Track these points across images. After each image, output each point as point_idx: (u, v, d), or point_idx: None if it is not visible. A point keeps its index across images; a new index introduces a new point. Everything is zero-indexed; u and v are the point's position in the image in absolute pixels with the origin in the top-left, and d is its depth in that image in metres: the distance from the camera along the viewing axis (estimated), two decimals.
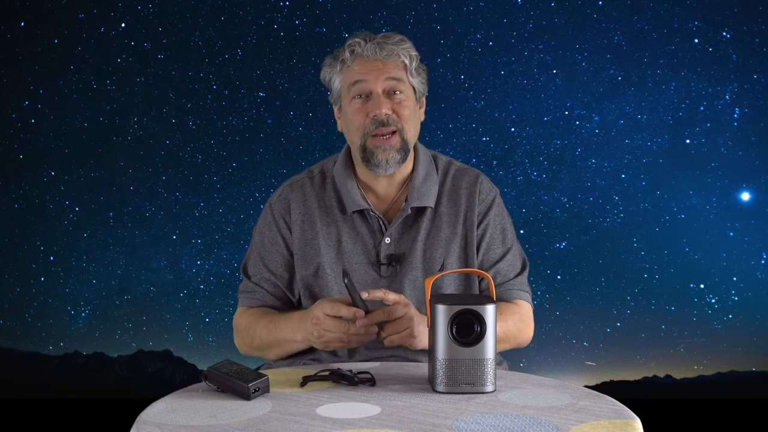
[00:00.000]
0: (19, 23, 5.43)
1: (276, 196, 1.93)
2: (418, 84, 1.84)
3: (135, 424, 1.27)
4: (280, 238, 1.89)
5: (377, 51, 1.76)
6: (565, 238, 5.58)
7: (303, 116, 5.65)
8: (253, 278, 1.91)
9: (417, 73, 1.83)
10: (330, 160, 1.96)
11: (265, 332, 1.81)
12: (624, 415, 1.30)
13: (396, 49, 1.78)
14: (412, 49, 1.82)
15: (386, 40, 1.78)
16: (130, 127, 5.63)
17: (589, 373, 5.55)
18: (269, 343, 1.81)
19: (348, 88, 1.80)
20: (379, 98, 1.77)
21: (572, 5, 5.39)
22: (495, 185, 1.94)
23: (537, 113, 5.55)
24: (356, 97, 1.79)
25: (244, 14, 5.57)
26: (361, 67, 1.78)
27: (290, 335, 1.75)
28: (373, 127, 1.77)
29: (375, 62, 1.77)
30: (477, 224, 1.87)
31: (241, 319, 1.90)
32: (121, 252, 5.75)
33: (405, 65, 1.79)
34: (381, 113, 1.77)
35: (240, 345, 1.92)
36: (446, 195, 1.89)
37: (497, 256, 1.88)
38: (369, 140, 1.79)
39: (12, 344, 5.68)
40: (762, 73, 5.22)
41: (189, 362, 5.90)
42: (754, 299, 5.36)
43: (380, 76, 1.77)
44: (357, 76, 1.78)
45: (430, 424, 1.25)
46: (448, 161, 1.95)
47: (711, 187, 5.37)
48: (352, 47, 1.78)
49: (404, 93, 1.79)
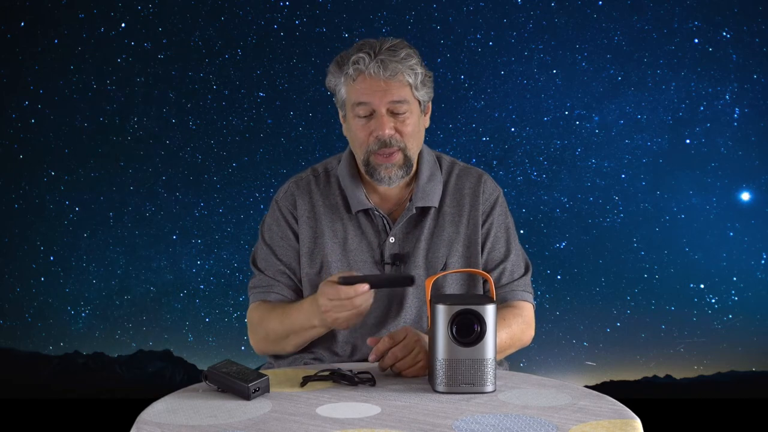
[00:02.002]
0: (19, 23, 5.43)
1: (282, 193, 1.93)
2: (423, 95, 1.81)
3: (135, 424, 1.27)
4: (290, 232, 1.89)
5: (381, 71, 1.73)
6: (565, 238, 5.59)
7: (303, 116, 5.66)
8: (266, 272, 1.89)
9: (423, 86, 1.80)
10: (334, 159, 1.96)
11: (278, 323, 1.79)
12: (624, 415, 1.31)
13: (400, 68, 1.74)
14: (418, 65, 1.77)
15: (391, 57, 1.73)
16: (130, 127, 5.64)
17: (589, 373, 5.55)
18: (285, 333, 1.79)
19: (352, 106, 1.79)
20: (382, 118, 1.75)
21: (572, 5, 5.39)
22: (498, 185, 1.94)
23: (537, 113, 5.55)
24: (359, 115, 1.78)
25: (244, 14, 5.58)
26: (364, 86, 1.75)
27: (307, 321, 1.73)
28: (376, 147, 1.77)
29: (378, 82, 1.74)
30: (481, 223, 1.87)
31: (255, 314, 1.86)
32: (121, 252, 5.76)
33: (409, 83, 1.76)
34: (384, 134, 1.75)
35: (256, 342, 1.88)
36: (450, 195, 1.89)
37: (501, 256, 1.88)
38: (372, 157, 1.78)
39: (12, 344, 5.68)
40: (762, 73, 5.22)
41: (189, 362, 5.91)
42: (754, 299, 5.37)
43: (383, 98, 1.74)
44: (360, 98, 1.76)
45: (430, 424, 1.25)
46: (452, 161, 1.95)
47: (711, 187, 5.38)
48: (356, 63, 1.74)
49: (408, 111, 1.77)
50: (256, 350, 1.91)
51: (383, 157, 1.77)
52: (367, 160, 1.79)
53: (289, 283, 1.88)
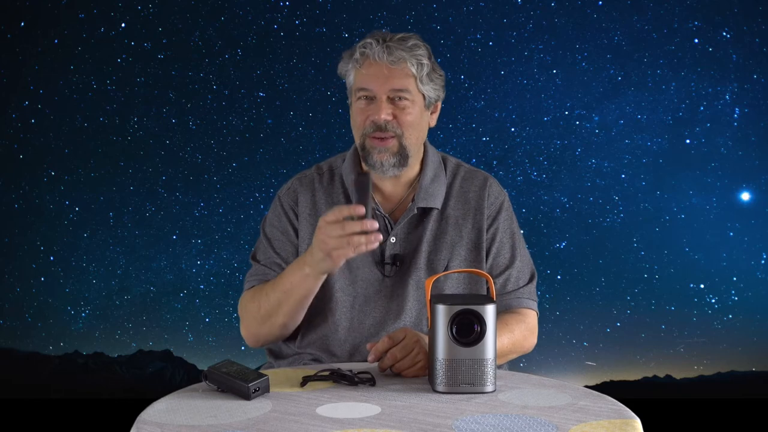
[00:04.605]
0: (19, 23, 5.43)
1: (285, 189, 1.93)
2: (429, 91, 1.80)
3: (135, 424, 1.27)
4: (290, 228, 1.88)
5: (385, 55, 1.74)
6: (565, 238, 5.59)
7: (303, 116, 5.66)
8: (263, 262, 1.88)
9: (429, 80, 1.79)
10: (338, 158, 1.96)
11: (271, 289, 1.76)
12: (624, 415, 1.31)
13: (405, 56, 1.75)
14: (425, 57, 1.78)
15: (399, 45, 1.75)
16: (130, 127, 5.64)
17: (589, 373, 5.56)
18: (278, 300, 1.75)
19: (355, 91, 1.80)
20: (380, 103, 1.76)
21: (572, 5, 5.40)
22: (503, 189, 1.93)
23: (537, 113, 5.56)
24: (361, 98, 1.79)
25: (244, 14, 5.58)
26: (367, 71, 1.76)
27: (298, 273, 1.70)
28: (371, 129, 1.78)
29: (381, 66, 1.75)
30: (486, 228, 1.87)
31: (246, 296, 1.84)
32: (121, 252, 5.76)
33: (414, 74, 1.76)
34: (380, 118, 1.76)
35: (248, 324, 1.83)
36: (454, 197, 1.88)
37: (507, 261, 1.87)
38: (367, 140, 1.79)
39: (12, 344, 5.68)
40: (762, 73, 5.22)
41: (189, 362, 5.91)
42: (754, 299, 5.37)
43: (385, 85, 1.75)
44: (362, 83, 1.77)
45: (430, 424, 1.25)
46: (457, 163, 1.94)
47: (711, 187, 5.38)
48: (363, 48, 1.76)
49: (409, 100, 1.77)
50: (247, 337, 1.86)
51: (378, 140, 1.77)
52: (363, 144, 1.80)
53: None
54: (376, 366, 1.61)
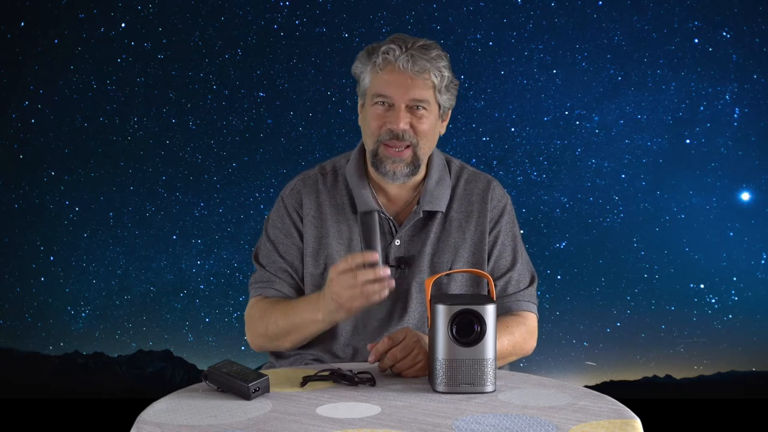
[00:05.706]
0: (19, 23, 5.43)
1: (288, 190, 1.92)
2: (445, 101, 1.80)
3: (135, 424, 1.27)
4: (294, 230, 1.88)
5: (409, 65, 1.71)
6: (565, 238, 5.59)
7: (303, 116, 5.65)
8: (268, 268, 1.87)
9: (446, 90, 1.79)
10: (342, 158, 1.95)
11: (281, 317, 1.77)
12: (624, 415, 1.31)
13: (429, 66, 1.73)
14: (447, 69, 1.76)
15: (422, 54, 1.73)
16: (130, 127, 5.64)
17: (589, 373, 5.56)
18: (286, 329, 1.76)
19: (372, 96, 1.77)
20: (399, 112, 1.74)
21: (572, 5, 5.40)
22: (506, 192, 1.93)
23: (537, 113, 5.56)
24: (377, 103, 1.77)
25: (244, 14, 5.58)
26: (389, 77, 1.74)
27: (310, 315, 1.71)
28: (387, 137, 1.76)
29: (404, 76, 1.72)
30: (488, 231, 1.87)
31: (255, 309, 1.84)
32: (121, 252, 5.76)
33: (434, 85, 1.75)
34: (398, 128, 1.74)
35: (254, 337, 1.85)
36: (458, 200, 1.88)
37: (508, 264, 1.88)
38: (381, 148, 1.77)
39: (12, 344, 5.68)
40: (762, 73, 5.22)
41: (189, 362, 5.91)
42: (754, 299, 5.37)
43: (405, 95, 1.73)
44: (382, 89, 1.75)
45: (430, 424, 1.25)
46: (461, 165, 1.94)
47: (711, 187, 5.38)
48: (386, 53, 1.73)
49: (427, 110, 1.76)
50: (252, 346, 1.88)
51: (393, 150, 1.76)
52: (376, 151, 1.78)
53: (290, 280, 1.87)
54: (376, 366, 1.61)
